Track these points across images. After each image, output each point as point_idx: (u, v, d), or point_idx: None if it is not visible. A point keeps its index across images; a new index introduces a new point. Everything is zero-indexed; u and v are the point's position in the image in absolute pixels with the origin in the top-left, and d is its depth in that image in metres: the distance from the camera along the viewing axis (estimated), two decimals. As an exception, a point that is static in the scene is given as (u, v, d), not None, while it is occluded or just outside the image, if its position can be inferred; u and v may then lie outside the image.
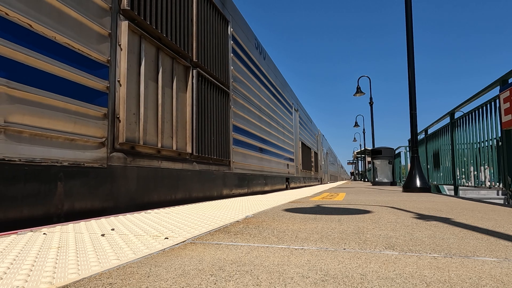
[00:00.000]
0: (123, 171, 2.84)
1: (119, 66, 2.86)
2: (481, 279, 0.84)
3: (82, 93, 2.44)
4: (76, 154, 2.37)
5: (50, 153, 2.17)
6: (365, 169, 29.91)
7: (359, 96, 16.51)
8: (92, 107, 2.52)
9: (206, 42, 4.58)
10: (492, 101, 3.97)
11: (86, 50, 2.50)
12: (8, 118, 1.89)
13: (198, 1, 4.36)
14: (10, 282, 0.84)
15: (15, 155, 1.93)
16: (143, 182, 3.10)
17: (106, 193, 2.63)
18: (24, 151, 1.99)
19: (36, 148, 2.07)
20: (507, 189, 3.66)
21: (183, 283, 0.82)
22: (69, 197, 2.29)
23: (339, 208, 2.72)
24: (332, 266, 0.97)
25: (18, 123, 1.96)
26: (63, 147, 2.27)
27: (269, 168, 7.54)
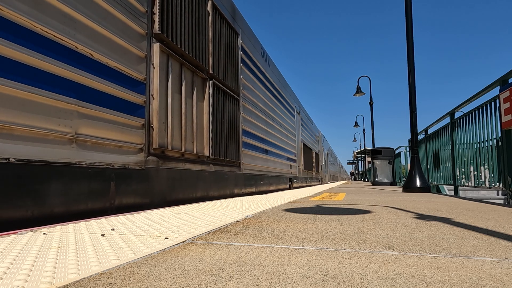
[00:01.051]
0: (156, 172, 3.28)
1: (153, 82, 3.32)
2: (481, 279, 0.84)
3: (127, 107, 2.91)
4: (123, 158, 2.84)
5: (106, 158, 2.63)
6: (365, 169, 29.91)
7: (359, 96, 16.51)
8: (134, 119, 2.99)
9: (220, 54, 5.03)
10: (492, 101, 3.97)
11: (130, 71, 2.97)
12: (77, 131, 2.38)
13: (213, 18, 4.79)
14: (10, 282, 0.84)
15: (82, 160, 2.40)
16: (171, 182, 3.53)
17: (144, 191, 3.09)
18: (88, 157, 2.45)
19: (96, 154, 2.53)
20: (507, 189, 3.66)
21: (183, 283, 0.82)
22: (118, 194, 2.75)
23: (339, 208, 2.72)
24: (332, 266, 0.97)
25: (84, 134, 2.44)
26: (114, 153, 2.74)
27: (274, 169, 7.95)
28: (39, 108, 2.10)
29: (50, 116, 2.18)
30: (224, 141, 4.98)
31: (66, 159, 2.28)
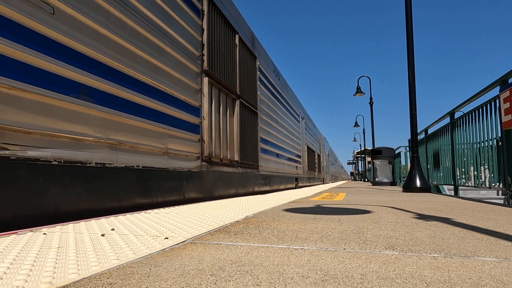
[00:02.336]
0: (206, 174, 4.31)
1: (203, 107, 4.34)
2: (481, 279, 0.84)
3: (190, 127, 3.97)
4: (188, 164, 3.88)
5: (180, 164, 3.70)
6: (365, 169, 29.91)
7: (359, 96, 16.50)
8: (194, 135, 4.03)
9: (244, 77, 6.00)
10: (492, 101, 3.97)
11: (192, 101, 4.04)
12: (167, 146, 3.46)
13: (239, 48, 5.80)
14: (10, 282, 0.84)
15: (169, 166, 3.49)
16: (215, 181, 4.57)
17: (200, 188, 4.10)
18: (171, 164, 3.53)
19: (175, 161, 3.61)
20: (507, 189, 3.66)
21: (183, 283, 0.82)
22: (187, 189, 3.80)
23: (339, 208, 2.72)
24: (332, 266, 0.97)
25: (170, 148, 3.51)
26: (184, 160, 3.79)
27: (283, 170, 9.04)
28: (150, 133, 3.20)
29: (156, 137, 3.27)
30: (247, 148, 6.01)
31: (161, 165, 3.35)
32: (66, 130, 2.27)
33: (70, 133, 2.31)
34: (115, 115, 2.73)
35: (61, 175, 2.23)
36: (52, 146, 2.18)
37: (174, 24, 3.72)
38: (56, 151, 2.20)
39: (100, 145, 2.58)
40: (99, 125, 2.57)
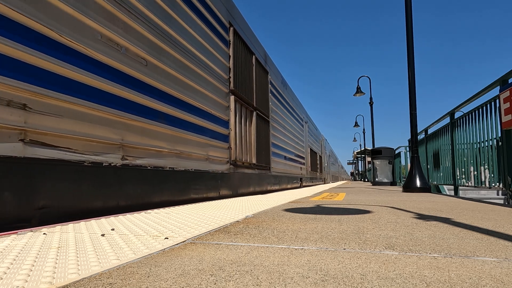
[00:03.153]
0: (233, 175, 5.22)
1: (231, 120, 5.22)
2: (481, 279, 0.84)
3: (223, 137, 4.87)
4: (222, 167, 4.78)
5: (216, 167, 4.58)
6: (365, 169, 29.91)
7: (359, 96, 16.50)
8: (225, 144, 4.94)
9: (258, 91, 6.88)
10: (492, 101, 3.97)
11: (223, 116, 4.94)
12: (208, 153, 4.34)
13: (255, 67, 6.68)
14: (10, 282, 0.84)
15: (209, 169, 4.34)
16: (239, 181, 5.47)
17: (229, 187, 5.01)
18: (211, 167, 4.41)
19: (213, 165, 4.49)
20: (507, 189, 3.66)
21: (183, 283, 0.82)
22: (221, 188, 4.69)
23: (339, 208, 2.72)
24: (332, 266, 0.97)
25: (210, 155, 4.41)
26: (219, 164, 4.69)
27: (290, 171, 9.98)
28: (198, 144, 4.10)
29: (201, 147, 4.17)
30: (262, 152, 6.91)
31: (205, 168, 4.24)
32: (154, 145, 3.20)
33: (155, 147, 3.23)
34: (179, 132, 3.68)
35: (152, 176, 3.15)
36: (147, 156, 3.10)
37: (212, 57, 4.66)
38: (149, 160, 3.12)
39: (171, 155, 3.52)
40: (170, 140, 3.51)
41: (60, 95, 2.20)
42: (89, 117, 2.44)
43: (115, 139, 2.70)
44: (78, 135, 2.34)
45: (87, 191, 2.39)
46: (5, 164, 1.84)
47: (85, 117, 2.40)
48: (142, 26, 3.10)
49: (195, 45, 4.14)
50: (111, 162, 2.63)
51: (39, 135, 2.05)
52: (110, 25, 2.69)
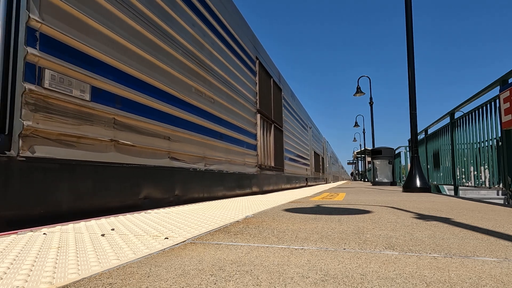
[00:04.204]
0: (259, 176, 6.56)
1: (257, 133, 6.52)
2: (481, 279, 0.84)
3: (252, 147, 6.09)
4: (252, 170, 6.05)
5: (249, 170, 5.87)
6: (365, 169, 29.93)
7: (359, 96, 16.50)
8: (254, 152, 6.20)
9: (275, 106, 8.22)
10: (492, 101, 3.97)
11: (252, 130, 6.21)
12: (245, 160, 5.69)
13: (273, 87, 8.04)
14: (10, 282, 0.84)
15: (246, 171, 5.70)
16: (263, 180, 6.80)
17: (257, 185, 6.30)
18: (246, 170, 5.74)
19: (247, 168, 5.75)
20: (507, 189, 3.66)
21: (183, 283, 0.82)
22: (252, 185, 5.93)
23: (339, 208, 2.72)
24: (332, 266, 0.97)
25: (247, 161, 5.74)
26: (250, 167, 5.94)
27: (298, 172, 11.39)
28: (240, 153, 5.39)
29: (241, 155, 5.47)
30: (278, 157, 8.20)
31: (243, 171, 5.58)
32: (218, 155, 4.56)
33: (219, 157, 4.59)
34: (229, 145, 5.02)
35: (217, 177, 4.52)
36: (215, 163, 4.49)
37: (247, 87, 6.09)
38: (215, 166, 4.50)
39: (225, 162, 4.87)
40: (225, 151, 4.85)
41: (182, 129, 3.66)
42: (191, 141, 3.89)
43: (201, 153, 4.12)
44: (187, 153, 3.79)
45: (192, 186, 3.87)
46: (164, 170, 3.32)
47: (190, 141, 3.86)
48: (211, 76, 4.51)
49: (238, 82, 5.61)
50: (200, 168, 4.09)
51: (174, 154, 3.52)
52: (197, 81, 4.10)
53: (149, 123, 3.06)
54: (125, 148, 2.73)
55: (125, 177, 2.73)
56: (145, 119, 3.00)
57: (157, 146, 3.19)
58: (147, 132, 3.04)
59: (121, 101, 2.72)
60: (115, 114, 2.63)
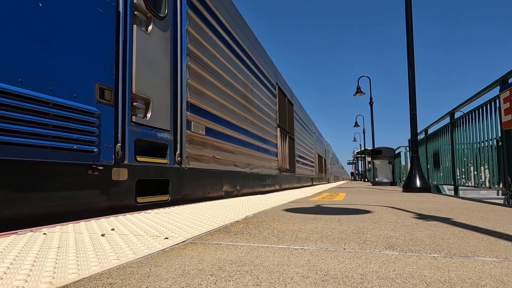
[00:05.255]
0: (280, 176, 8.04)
1: (278, 143, 7.88)
2: (481, 279, 0.84)
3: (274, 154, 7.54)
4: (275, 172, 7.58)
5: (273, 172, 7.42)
6: (365, 169, 29.96)
7: (359, 97, 16.49)
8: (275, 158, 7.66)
9: (288, 119, 9.52)
10: (492, 101, 3.96)
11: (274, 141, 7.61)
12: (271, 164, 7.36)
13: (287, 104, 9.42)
14: (10, 282, 0.84)
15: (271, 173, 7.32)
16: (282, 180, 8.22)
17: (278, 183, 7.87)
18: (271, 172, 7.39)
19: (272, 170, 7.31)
20: (507, 189, 3.66)
21: (183, 283, 0.82)
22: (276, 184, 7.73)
23: (339, 208, 2.72)
24: (332, 266, 0.97)
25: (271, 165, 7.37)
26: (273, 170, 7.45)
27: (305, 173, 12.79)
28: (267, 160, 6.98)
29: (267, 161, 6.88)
30: (291, 160, 9.65)
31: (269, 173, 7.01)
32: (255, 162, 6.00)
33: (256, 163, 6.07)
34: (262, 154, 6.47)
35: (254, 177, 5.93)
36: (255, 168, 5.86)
37: (271, 108, 7.52)
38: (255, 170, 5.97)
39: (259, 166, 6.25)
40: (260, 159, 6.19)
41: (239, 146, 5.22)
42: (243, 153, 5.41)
43: (247, 161, 5.61)
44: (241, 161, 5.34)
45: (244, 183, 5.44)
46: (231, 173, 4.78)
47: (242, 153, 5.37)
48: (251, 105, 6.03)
49: (266, 105, 7.07)
50: (247, 171, 5.62)
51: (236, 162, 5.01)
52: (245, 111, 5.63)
53: (225, 144, 4.67)
54: (217, 161, 4.42)
55: (217, 178, 4.45)
56: (223, 142, 4.61)
57: (228, 158, 4.83)
58: (225, 149, 4.67)
59: (215, 132, 4.36)
60: (214, 141, 4.31)
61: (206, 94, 4.17)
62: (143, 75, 2.96)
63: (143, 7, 2.99)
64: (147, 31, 3.08)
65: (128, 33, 2.80)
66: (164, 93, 3.27)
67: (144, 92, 2.96)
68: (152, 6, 3.13)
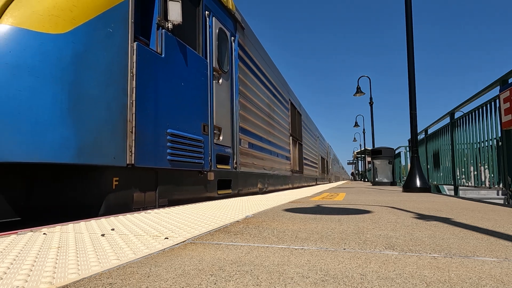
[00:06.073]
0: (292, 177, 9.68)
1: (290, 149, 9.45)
2: (481, 279, 0.84)
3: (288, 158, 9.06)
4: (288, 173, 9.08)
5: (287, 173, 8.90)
6: (365, 169, 29.99)
7: (359, 97, 16.49)
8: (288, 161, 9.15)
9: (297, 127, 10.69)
10: (492, 101, 3.96)
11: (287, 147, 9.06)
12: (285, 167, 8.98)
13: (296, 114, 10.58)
14: (10, 282, 0.84)
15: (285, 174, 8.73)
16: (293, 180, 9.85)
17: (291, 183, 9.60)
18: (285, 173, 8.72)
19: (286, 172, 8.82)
20: (507, 189, 3.66)
21: (183, 283, 0.82)
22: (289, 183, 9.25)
23: (339, 208, 2.72)
24: (332, 266, 0.97)
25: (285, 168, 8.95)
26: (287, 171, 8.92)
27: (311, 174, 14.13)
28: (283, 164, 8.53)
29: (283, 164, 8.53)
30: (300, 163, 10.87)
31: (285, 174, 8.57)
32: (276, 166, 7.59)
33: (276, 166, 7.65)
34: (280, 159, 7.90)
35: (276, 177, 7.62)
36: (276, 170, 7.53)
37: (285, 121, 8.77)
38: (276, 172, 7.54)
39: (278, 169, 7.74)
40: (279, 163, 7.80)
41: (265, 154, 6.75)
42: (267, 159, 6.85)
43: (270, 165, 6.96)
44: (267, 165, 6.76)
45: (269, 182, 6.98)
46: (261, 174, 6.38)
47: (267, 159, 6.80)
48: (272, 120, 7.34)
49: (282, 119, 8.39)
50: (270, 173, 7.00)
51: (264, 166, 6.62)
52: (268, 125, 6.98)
53: (258, 153, 6.20)
54: (254, 166, 5.90)
55: (254, 178, 5.94)
56: (257, 152, 6.13)
57: (260, 163, 6.28)
58: (258, 157, 6.14)
59: (253, 145, 5.82)
60: (252, 151, 5.79)
61: (248, 118, 5.67)
62: (218, 112, 4.34)
63: (217, 68, 4.41)
64: (219, 82, 4.49)
65: (210, 87, 4.15)
66: (228, 121, 4.75)
67: (218, 123, 4.36)
68: (221, 66, 4.54)
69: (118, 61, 2.56)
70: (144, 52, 2.84)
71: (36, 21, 2.10)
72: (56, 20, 2.17)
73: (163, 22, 3.14)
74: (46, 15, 2.14)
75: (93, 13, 2.36)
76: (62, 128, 2.13)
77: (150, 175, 3.07)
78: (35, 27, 2.09)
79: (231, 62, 4.92)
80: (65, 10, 2.22)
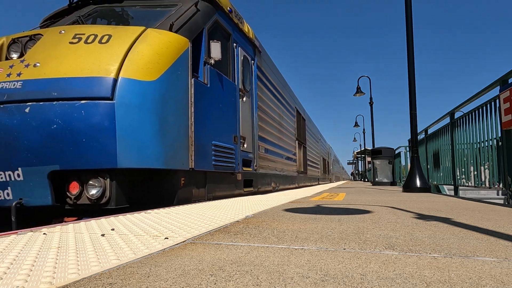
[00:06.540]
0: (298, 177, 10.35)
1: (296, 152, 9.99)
2: (481, 279, 0.84)
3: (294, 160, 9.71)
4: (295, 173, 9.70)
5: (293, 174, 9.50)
6: (365, 169, 30.02)
7: (359, 97, 16.49)
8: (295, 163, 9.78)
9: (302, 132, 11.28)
10: (492, 101, 3.96)
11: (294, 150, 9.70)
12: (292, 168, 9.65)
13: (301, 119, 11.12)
14: (10, 282, 0.84)
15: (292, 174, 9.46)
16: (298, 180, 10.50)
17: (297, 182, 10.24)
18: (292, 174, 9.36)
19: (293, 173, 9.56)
20: (507, 189, 3.66)
21: (183, 283, 0.82)
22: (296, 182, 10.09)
23: (339, 208, 2.72)
24: (332, 266, 0.97)
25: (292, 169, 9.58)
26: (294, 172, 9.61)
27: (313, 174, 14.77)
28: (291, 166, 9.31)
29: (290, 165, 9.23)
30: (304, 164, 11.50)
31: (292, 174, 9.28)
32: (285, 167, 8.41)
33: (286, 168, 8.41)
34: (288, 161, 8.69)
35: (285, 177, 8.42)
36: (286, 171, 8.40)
37: (292, 126, 9.41)
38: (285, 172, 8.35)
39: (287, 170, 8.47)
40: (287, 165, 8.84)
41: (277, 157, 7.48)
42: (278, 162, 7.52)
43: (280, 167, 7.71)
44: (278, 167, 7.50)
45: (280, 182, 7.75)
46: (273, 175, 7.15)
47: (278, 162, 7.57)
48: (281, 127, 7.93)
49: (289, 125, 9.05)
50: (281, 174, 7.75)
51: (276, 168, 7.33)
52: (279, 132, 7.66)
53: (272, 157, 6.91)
54: (269, 167, 6.68)
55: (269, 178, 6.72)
56: (271, 156, 6.85)
57: (273, 165, 6.99)
58: (271, 160, 6.88)
59: (268, 150, 6.62)
60: (268, 156, 6.58)
61: (264, 128, 6.51)
62: (243, 124, 5.19)
63: (242, 88, 5.24)
64: (243, 100, 5.32)
65: (238, 105, 4.98)
66: (250, 132, 5.60)
67: (243, 133, 5.20)
68: (244, 86, 5.37)
69: (183, 94, 3.43)
70: (198, 85, 3.69)
71: (139, 73, 2.92)
72: (150, 71, 2.99)
73: (207, 59, 3.98)
74: (145, 68, 2.96)
75: (169, 62, 3.20)
76: (156, 145, 3.01)
77: (202, 176, 3.95)
78: (139, 77, 2.91)
79: (251, 82, 5.85)
80: (154, 63, 3.04)
